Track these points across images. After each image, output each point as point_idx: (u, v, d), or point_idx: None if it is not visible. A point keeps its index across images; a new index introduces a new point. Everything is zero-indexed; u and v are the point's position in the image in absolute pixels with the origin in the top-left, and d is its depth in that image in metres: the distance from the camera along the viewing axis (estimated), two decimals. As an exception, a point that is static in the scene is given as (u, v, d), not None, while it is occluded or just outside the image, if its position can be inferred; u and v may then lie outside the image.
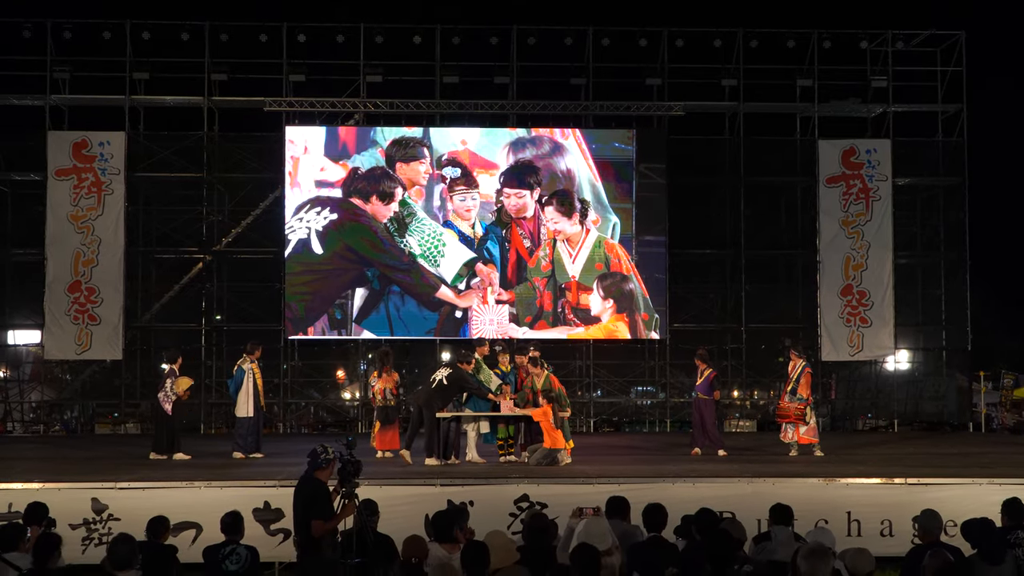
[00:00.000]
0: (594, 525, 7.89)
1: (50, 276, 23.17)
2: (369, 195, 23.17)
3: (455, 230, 23.30)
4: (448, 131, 23.99)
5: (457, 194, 23.40)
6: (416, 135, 23.67)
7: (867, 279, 24.22)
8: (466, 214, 23.41)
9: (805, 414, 16.60)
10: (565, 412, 15.70)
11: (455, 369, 15.34)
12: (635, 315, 23.72)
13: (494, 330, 22.75)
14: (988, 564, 7.60)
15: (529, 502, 12.07)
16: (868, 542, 10.67)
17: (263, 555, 9.27)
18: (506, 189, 23.51)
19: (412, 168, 23.34)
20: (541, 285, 23.47)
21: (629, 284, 23.75)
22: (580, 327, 23.66)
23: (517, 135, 23.86)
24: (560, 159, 23.70)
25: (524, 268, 23.49)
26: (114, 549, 7.33)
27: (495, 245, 23.39)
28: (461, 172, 23.44)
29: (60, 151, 23.38)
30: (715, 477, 13.11)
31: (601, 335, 23.97)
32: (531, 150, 23.65)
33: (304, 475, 8.76)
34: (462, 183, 23.44)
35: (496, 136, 23.85)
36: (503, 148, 23.66)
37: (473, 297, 23.24)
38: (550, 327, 23.48)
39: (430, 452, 15.03)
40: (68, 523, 11.61)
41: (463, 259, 23.23)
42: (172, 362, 16.76)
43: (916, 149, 25.53)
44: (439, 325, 23.35)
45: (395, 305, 23.24)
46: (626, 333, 23.86)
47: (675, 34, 24.90)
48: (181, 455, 16.08)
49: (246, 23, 24.71)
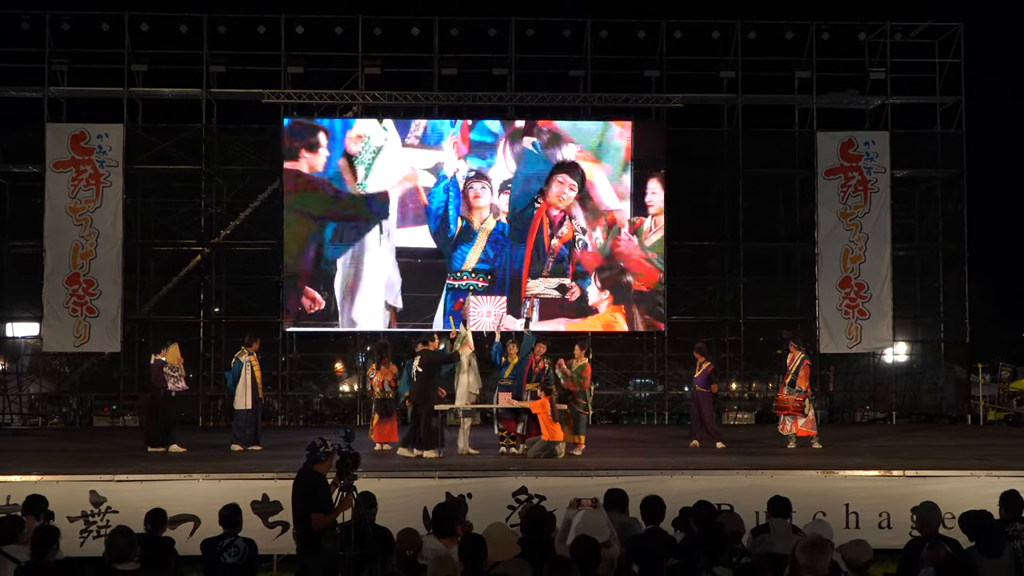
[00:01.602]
0: (592, 517, 7.89)
1: (48, 268, 23.14)
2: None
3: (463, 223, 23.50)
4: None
5: (471, 188, 23.53)
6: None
7: (865, 271, 24.21)
8: (478, 206, 23.55)
9: (804, 406, 16.60)
10: (586, 409, 15.97)
11: (421, 354, 15.48)
12: (631, 307, 23.74)
13: (491, 322, 22.78)
14: (986, 556, 7.60)
15: (527, 495, 12.07)
16: (866, 534, 10.71)
17: (261, 548, 9.27)
18: (559, 176, 23.73)
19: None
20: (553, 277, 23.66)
21: (627, 276, 23.78)
22: (577, 319, 23.68)
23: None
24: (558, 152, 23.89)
25: (542, 259, 23.59)
26: (113, 541, 7.32)
27: (505, 240, 23.54)
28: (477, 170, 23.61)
29: (58, 143, 23.35)
30: (713, 470, 13.12)
31: (599, 327, 23.99)
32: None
33: (303, 468, 8.76)
34: (475, 178, 23.52)
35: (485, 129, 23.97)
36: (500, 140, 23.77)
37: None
38: (549, 320, 23.52)
39: (407, 443, 15.10)
40: (66, 515, 11.63)
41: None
42: (157, 353, 16.75)
43: (914, 141, 25.51)
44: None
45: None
46: (623, 325, 23.89)
47: (673, 26, 24.88)
48: (177, 447, 16.07)
49: (244, 15, 24.71)
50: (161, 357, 16.41)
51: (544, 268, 23.66)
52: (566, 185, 23.79)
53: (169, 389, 16.27)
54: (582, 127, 24.22)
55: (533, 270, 23.63)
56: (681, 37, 24.93)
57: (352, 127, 23.87)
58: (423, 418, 15.17)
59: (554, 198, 23.72)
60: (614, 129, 24.18)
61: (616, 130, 24.16)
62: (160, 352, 16.56)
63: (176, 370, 16.34)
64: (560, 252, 23.68)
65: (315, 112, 24.32)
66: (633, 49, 25.17)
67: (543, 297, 23.62)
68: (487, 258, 23.53)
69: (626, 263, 23.83)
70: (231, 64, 24.61)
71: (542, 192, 23.74)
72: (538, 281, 23.62)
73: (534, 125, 24.07)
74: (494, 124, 24.05)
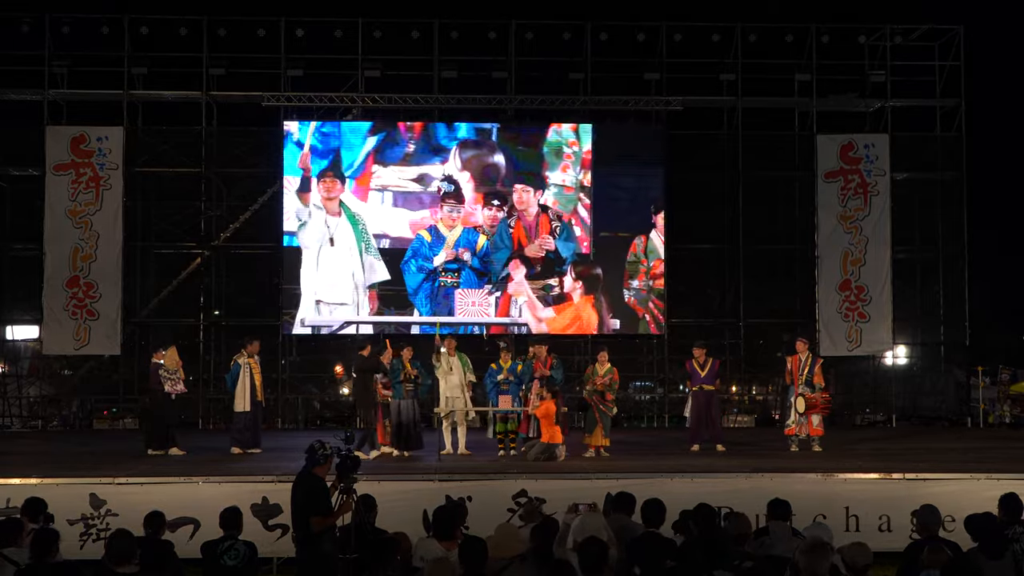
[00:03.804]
0: (591, 520, 7.92)
1: (48, 271, 23.13)
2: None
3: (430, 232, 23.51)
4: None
5: (447, 206, 23.52)
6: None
7: (865, 274, 24.20)
8: (451, 223, 23.53)
9: (829, 402, 16.77)
10: (611, 411, 16.43)
11: (355, 360, 16.52)
12: (602, 297, 23.70)
13: (479, 309, 22.95)
14: (988, 559, 7.61)
15: (527, 497, 12.08)
16: (866, 537, 10.70)
17: (261, 550, 9.29)
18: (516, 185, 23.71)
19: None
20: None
21: (596, 269, 23.75)
22: (550, 309, 23.64)
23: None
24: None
25: (531, 268, 23.63)
26: (113, 544, 7.33)
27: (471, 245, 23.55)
28: (454, 188, 23.56)
29: (58, 146, 23.34)
30: (713, 472, 13.13)
31: (569, 318, 23.81)
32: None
33: (302, 471, 8.77)
34: (452, 198, 23.53)
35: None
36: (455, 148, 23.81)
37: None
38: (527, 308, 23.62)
39: (360, 445, 15.25)
40: (66, 518, 11.64)
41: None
42: (155, 355, 16.75)
43: (914, 144, 25.49)
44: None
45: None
46: (592, 316, 23.74)
47: (673, 28, 24.85)
48: (176, 450, 16.07)
49: (244, 18, 24.69)
50: (158, 360, 16.41)
51: (532, 271, 23.62)
52: (527, 191, 23.70)
53: (167, 391, 16.28)
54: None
55: (519, 276, 23.59)
56: (681, 40, 24.91)
57: (348, 130, 23.81)
58: (363, 420, 16.10)
59: (520, 203, 23.67)
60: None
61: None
62: (157, 354, 16.57)
63: (175, 372, 16.36)
64: (545, 255, 23.61)
65: (315, 115, 24.32)
66: (633, 52, 25.16)
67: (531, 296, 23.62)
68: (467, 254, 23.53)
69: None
70: (231, 67, 24.59)
71: (511, 205, 23.67)
72: (525, 284, 23.55)
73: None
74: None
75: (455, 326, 22.80)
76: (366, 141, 23.61)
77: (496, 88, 24.89)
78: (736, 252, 25.18)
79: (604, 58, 25.07)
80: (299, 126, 23.65)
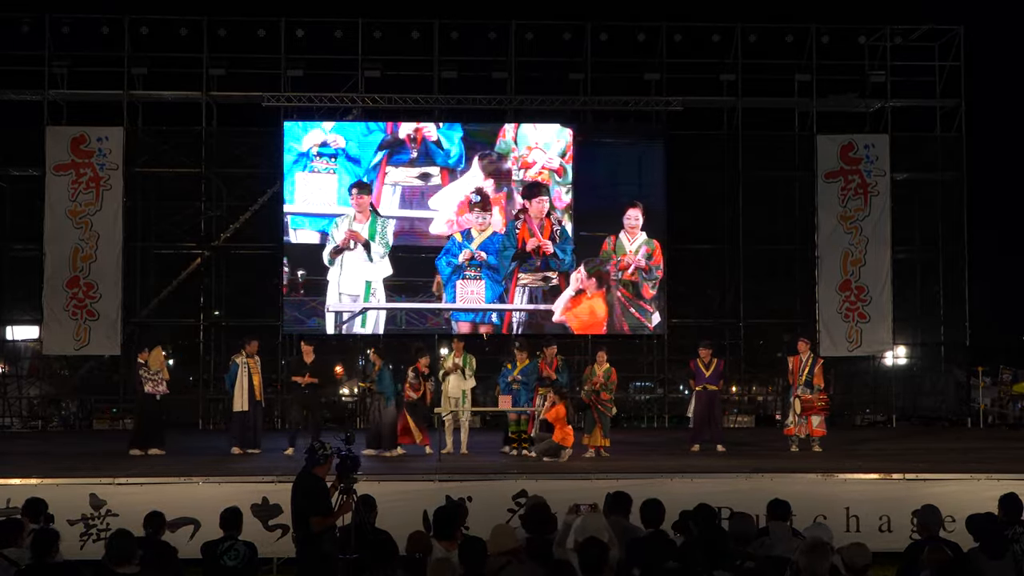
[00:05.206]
0: (591, 521, 7.91)
1: (48, 271, 23.12)
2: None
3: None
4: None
5: (474, 214, 23.48)
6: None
7: (865, 274, 24.20)
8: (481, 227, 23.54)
9: (827, 404, 16.77)
10: (610, 411, 16.50)
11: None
12: (613, 294, 23.67)
13: (474, 297, 23.11)
14: (989, 559, 7.62)
15: (528, 497, 12.07)
16: (867, 537, 10.71)
17: (261, 551, 9.29)
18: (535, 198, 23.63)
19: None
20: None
21: (607, 265, 23.73)
22: (561, 302, 23.59)
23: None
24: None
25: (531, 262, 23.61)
26: (113, 544, 7.33)
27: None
28: (480, 198, 23.50)
29: (58, 146, 23.33)
30: (713, 473, 13.13)
31: (586, 313, 23.76)
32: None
33: (302, 471, 8.77)
34: (479, 206, 23.49)
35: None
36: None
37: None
38: (532, 303, 23.59)
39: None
40: (66, 519, 11.64)
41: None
42: (140, 352, 16.77)
43: (914, 144, 25.50)
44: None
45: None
46: (602, 310, 23.71)
47: (673, 29, 24.84)
48: (156, 450, 16.02)
49: (244, 18, 24.69)
50: (141, 359, 16.45)
51: (533, 266, 23.61)
52: (543, 201, 23.64)
53: (149, 392, 16.28)
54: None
55: (523, 268, 23.57)
56: (681, 40, 24.90)
57: (353, 131, 23.83)
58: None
59: (535, 213, 23.65)
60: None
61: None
62: (142, 354, 16.60)
63: (156, 373, 16.35)
64: (544, 254, 23.61)
65: (315, 115, 24.32)
66: (633, 52, 25.16)
67: (531, 286, 23.57)
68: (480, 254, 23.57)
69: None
70: (231, 67, 24.58)
71: (524, 210, 23.64)
72: (527, 276, 23.56)
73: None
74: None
75: (475, 311, 23.24)
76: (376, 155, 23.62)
77: (496, 88, 24.90)
78: (736, 252, 25.18)
79: (604, 58, 25.06)
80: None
